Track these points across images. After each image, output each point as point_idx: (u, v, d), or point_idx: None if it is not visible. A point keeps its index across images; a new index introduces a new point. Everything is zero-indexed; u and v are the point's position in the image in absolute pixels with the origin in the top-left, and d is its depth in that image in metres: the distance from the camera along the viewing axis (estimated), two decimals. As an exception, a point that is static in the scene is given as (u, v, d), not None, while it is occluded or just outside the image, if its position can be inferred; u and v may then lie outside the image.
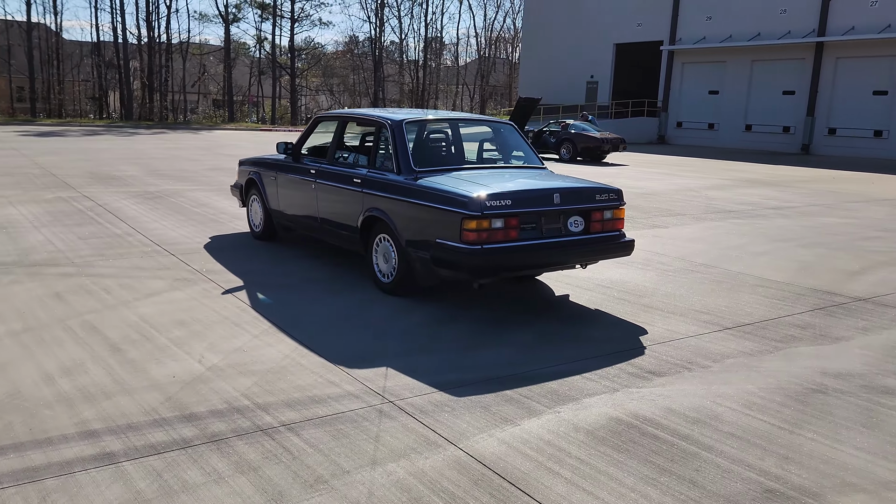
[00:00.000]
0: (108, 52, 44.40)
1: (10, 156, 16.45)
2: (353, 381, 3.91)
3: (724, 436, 3.42)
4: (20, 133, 25.34)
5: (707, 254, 7.76)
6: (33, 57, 40.27)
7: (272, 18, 46.09)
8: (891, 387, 4.12)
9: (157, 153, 18.74)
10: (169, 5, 46.14)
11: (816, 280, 6.71)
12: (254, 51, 49.09)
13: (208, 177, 13.52)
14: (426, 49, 54.12)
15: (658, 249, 7.89)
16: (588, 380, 4.06)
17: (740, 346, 4.76)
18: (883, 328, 5.28)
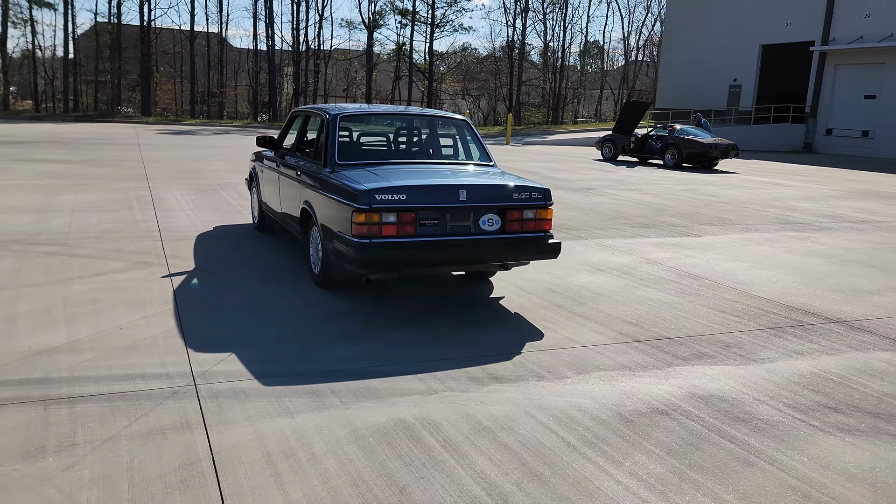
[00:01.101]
0: (263, 58, 47.45)
1: (126, 149, 18.07)
2: (183, 363, 4.01)
3: (494, 447, 3.20)
4: (160, 131, 27.72)
5: (711, 265, 7.16)
6: (194, 63, 43.81)
7: (411, 24, 47.37)
8: (752, 415, 3.66)
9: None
10: (321, 14, 48.70)
11: (811, 299, 6.03)
12: (394, 56, 50.61)
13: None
14: (564, 53, 53.44)
15: (660, 258, 7.39)
16: (419, 380, 3.92)
17: (630, 359, 4.39)
18: (823, 353, 4.67)
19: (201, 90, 48.39)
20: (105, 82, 47.59)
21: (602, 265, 6.95)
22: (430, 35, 48.36)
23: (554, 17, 53.09)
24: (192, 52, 43.79)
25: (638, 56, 66.04)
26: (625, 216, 10.19)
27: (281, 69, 51.96)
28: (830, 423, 3.61)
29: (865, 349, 4.79)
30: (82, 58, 47.92)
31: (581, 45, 54.67)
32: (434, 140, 6.39)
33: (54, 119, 34.79)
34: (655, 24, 71.75)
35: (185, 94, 52.97)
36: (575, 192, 12.98)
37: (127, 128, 29.28)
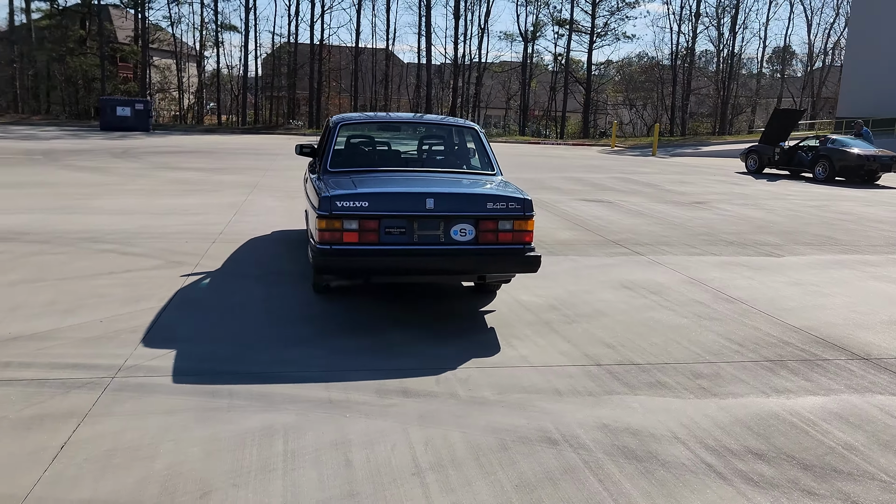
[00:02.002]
0: (426, 72, 48.93)
1: (265, 159, 19.33)
2: (123, 356, 4.23)
3: (335, 463, 3.11)
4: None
5: (761, 289, 6.49)
6: (357, 78, 46.08)
7: (568, 34, 46.85)
8: (654, 454, 3.28)
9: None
10: (483, 27, 49.49)
11: (853, 331, 5.32)
12: (554, 67, 50.28)
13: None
14: (735, 59, 50.45)
15: (708, 277, 6.79)
16: (325, 389, 3.88)
17: (569, 384, 4.08)
18: (808, 392, 4.08)
19: (364, 104, 50.72)
20: (280, 98, 51.25)
21: (633, 283, 6.50)
22: (590, 44, 47.55)
23: (724, 22, 50.09)
24: (356, 67, 46.12)
25: (825, 60, 60.89)
26: (712, 233, 9.45)
27: (447, 82, 53.14)
28: (741, 471, 3.15)
29: (866, 391, 4.12)
30: (265, 75, 52.00)
31: (759, 50, 51.25)
32: (436, 148, 6.29)
33: (224, 131, 37.88)
34: (846, 27, 65.95)
35: (363, 107, 55.77)
36: (679, 206, 12.22)
37: (284, 139, 31.30)
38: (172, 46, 47.60)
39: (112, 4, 47.36)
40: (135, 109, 29.31)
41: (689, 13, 49.51)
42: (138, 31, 43.17)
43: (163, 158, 18.12)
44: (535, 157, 24.23)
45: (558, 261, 7.32)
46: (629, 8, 49.50)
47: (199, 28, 48.21)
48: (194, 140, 27.07)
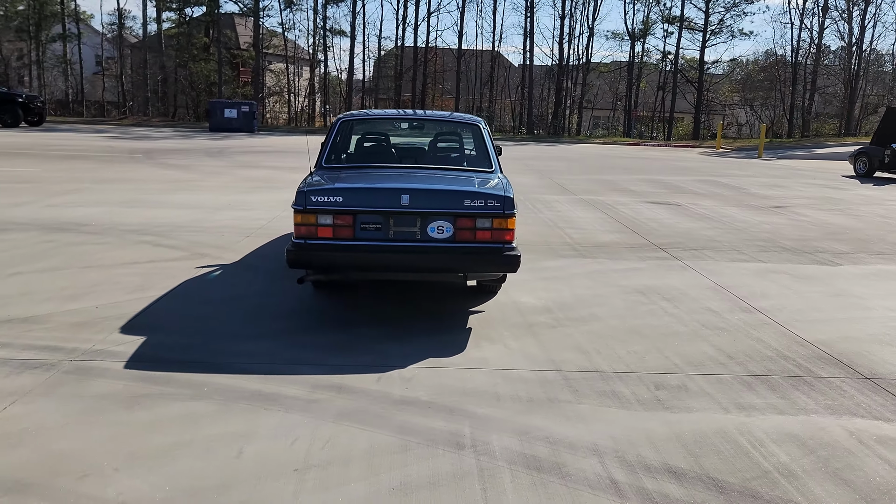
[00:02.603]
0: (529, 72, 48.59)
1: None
2: (93, 341, 4.42)
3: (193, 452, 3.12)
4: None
5: (790, 299, 6.02)
6: (459, 80, 46.35)
7: (678, 32, 45.20)
8: (557, 466, 3.08)
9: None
10: (591, 26, 48.56)
11: (872, 347, 4.83)
12: (665, 65, 48.62)
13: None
14: (861, 54, 47.06)
15: (735, 284, 6.36)
16: (260, 381, 3.89)
17: (511, 390, 3.91)
18: (775, 411, 3.73)
19: (466, 105, 50.92)
20: (387, 100, 52.30)
21: (650, 288, 6.17)
22: (703, 42, 45.67)
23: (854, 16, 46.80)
24: (459, 68, 46.35)
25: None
26: (773, 239, 8.84)
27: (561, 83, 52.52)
28: (645, 490, 2.91)
29: (844, 413, 3.72)
30: (372, 77, 53.29)
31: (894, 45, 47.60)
32: (435, 144, 6.20)
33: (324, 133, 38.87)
34: None
35: (465, 108, 56.10)
36: (753, 210, 11.52)
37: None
38: (288, 51, 49.58)
39: (233, 13, 49.90)
40: (241, 111, 30.75)
41: (815, 6, 46.66)
42: (257, 36, 45.22)
43: (248, 157, 18.88)
44: (626, 158, 23.53)
45: (584, 263, 7.06)
46: (746, 3, 47.24)
47: (312, 33, 49.90)
48: (290, 141, 28.01)
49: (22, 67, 49.94)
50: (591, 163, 20.80)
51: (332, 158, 5.71)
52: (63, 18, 47.32)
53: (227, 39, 48.68)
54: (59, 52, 48.08)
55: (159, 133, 29.16)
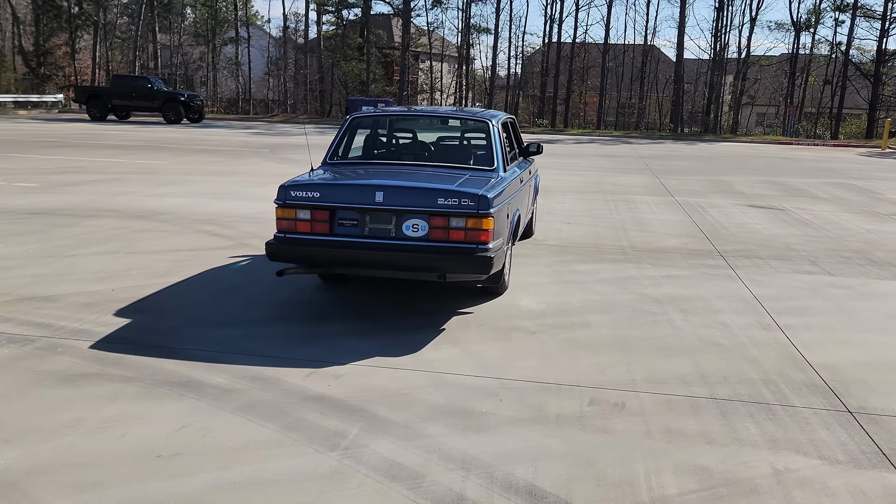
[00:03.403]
0: (679, 67, 46.49)
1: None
2: (82, 321, 4.76)
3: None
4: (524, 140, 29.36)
5: (821, 317, 5.42)
6: (605, 76, 45.19)
7: (850, 21, 41.39)
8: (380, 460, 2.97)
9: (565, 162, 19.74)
10: (754, 17, 45.70)
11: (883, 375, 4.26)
12: (832, 57, 44.78)
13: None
14: None
15: (771, 295, 5.80)
16: (203, 369, 4.04)
17: (430, 396, 3.81)
18: (704, 442, 3.37)
19: (612, 102, 49.52)
20: (533, 97, 52.00)
21: (672, 298, 5.75)
22: (882, 31, 41.57)
23: None
24: (604, 64, 45.20)
25: None
26: (866, 250, 7.94)
27: (715, 78, 50.00)
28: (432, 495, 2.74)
29: (783, 449, 3.29)
30: (518, 74, 53.13)
31: None
32: (441, 142, 6.08)
33: None
34: None
35: (609, 105, 54.73)
36: (869, 217, 10.38)
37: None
38: (434, 49, 50.62)
39: (389, 14, 51.64)
40: (378, 108, 31.77)
41: None
42: (404, 35, 46.57)
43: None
44: (766, 159, 21.88)
45: (619, 269, 6.69)
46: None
47: (460, 31, 50.57)
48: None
49: (198, 69, 54.47)
50: (719, 163, 19.57)
51: (337, 155, 5.78)
52: (236, 24, 50.97)
53: (379, 39, 50.43)
54: (231, 55, 51.94)
55: (299, 129, 30.76)
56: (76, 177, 12.03)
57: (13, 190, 10.40)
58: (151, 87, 29.27)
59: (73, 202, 9.40)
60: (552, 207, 10.23)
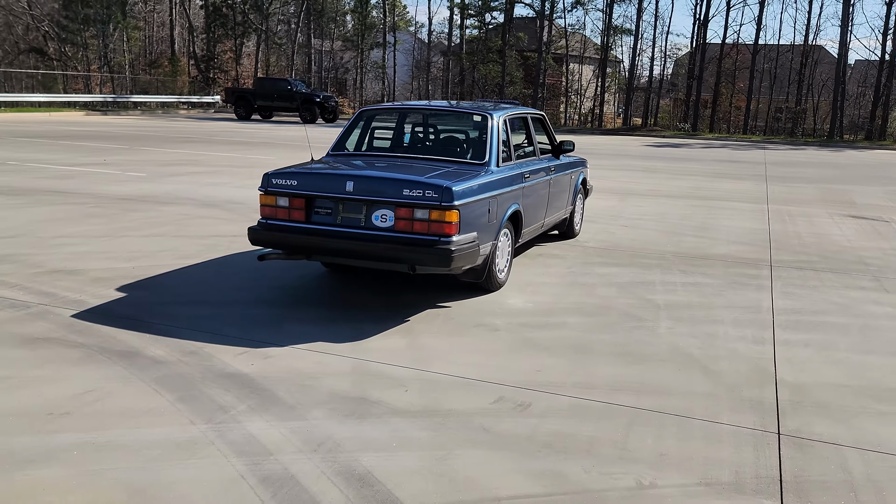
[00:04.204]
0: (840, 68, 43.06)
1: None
2: (83, 293, 5.18)
3: None
4: (655, 144, 28.20)
5: (857, 334, 4.87)
6: (753, 78, 42.61)
7: None
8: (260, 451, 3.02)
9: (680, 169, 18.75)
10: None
11: (852, 401, 3.79)
12: None
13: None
14: None
15: (793, 310, 5.29)
16: (150, 341, 4.30)
17: (347, 386, 3.83)
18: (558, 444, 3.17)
19: (763, 107, 46.58)
20: (677, 99, 50.02)
21: (675, 305, 5.41)
22: None
23: None
24: (753, 66, 42.65)
25: None
26: (953, 266, 7.06)
27: (882, 79, 45.97)
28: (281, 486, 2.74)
29: (664, 466, 3.02)
30: (664, 76, 51.30)
31: None
32: (439, 136, 6.03)
33: (584, 132, 38.13)
34: None
35: (760, 109, 51.59)
36: None
37: (630, 140, 30.67)
38: (572, 51, 49.93)
39: (528, 16, 51.60)
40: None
41: None
42: (541, 38, 46.29)
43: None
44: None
45: (641, 274, 6.36)
46: None
47: (602, 33, 49.54)
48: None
49: (347, 72, 56.97)
50: (852, 172, 17.94)
51: (341, 146, 5.89)
52: (384, 29, 52.80)
53: (520, 42, 50.43)
54: (377, 59, 53.90)
55: (427, 130, 31.39)
56: (183, 168, 13.00)
57: (121, 178, 11.41)
58: (290, 89, 30.97)
59: (164, 191, 10.17)
60: (623, 210, 9.86)
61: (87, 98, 36.06)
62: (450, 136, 6.17)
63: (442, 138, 6.17)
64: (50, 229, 7.36)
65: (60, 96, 35.54)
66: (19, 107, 31.61)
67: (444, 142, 6.10)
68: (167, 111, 37.64)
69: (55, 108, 32.50)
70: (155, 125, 25.90)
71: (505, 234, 5.58)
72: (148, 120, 29.81)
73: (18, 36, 48.38)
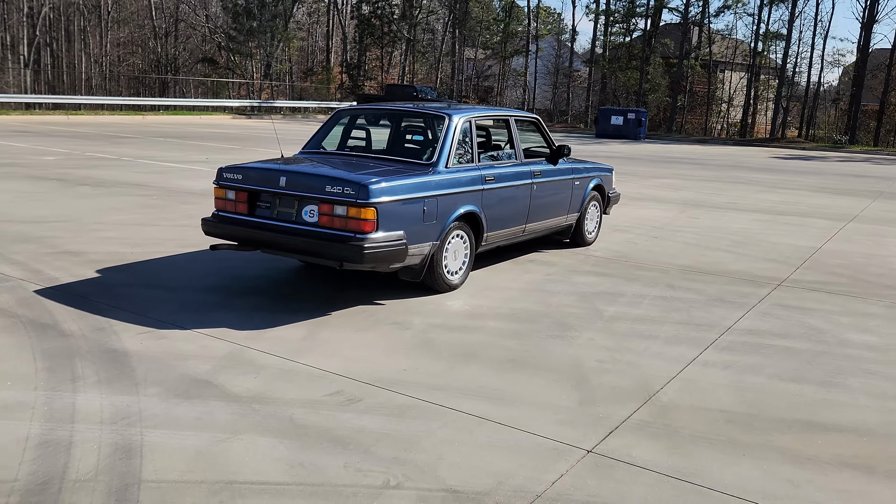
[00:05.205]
0: None
1: (690, 167, 18.55)
2: (68, 271, 5.70)
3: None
4: (789, 156, 26.18)
5: (791, 355, 4.44)
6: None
7: None
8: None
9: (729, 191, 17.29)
10: None
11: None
12: None
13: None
14: None
15: (767, 331, 4.88)
16: (77, 317, 4.69)
17: (196, 364, 4.01)
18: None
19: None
20: (844, 109, 46.29)
21: (621, 317, 5.14)
22: None
23: None
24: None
25: None
26: None
27: None
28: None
29: (440, 461, 2.95)
30: (839, 84, 47.59)
31: None
32: (403, 136, 6.06)
33: (715, 142, 35.93)
34: None
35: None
36: None
37: (757, 151, 28.68)
38: (727, 57, 47.58)
39: (674, 23, 49.75)
40: (627, 118, 30.86)
41: None
42: (682, 44, 44.49)
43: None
44: None
45: (619, 286, 6.08)
46: None
47: (752, 37, 46.80)
48: (670, 149, 27.07)
49: (486, 79, 57.56)
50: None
51: (314, 145, 6.09)
52: (528, 37, 52.87)
53: (665, 48, 48.72)
54: (518, 67, 54.09)
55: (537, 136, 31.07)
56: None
57: (204, 175, 12.28)
58: (416, 95, 31.74)
59: (228, 186, 10.85)
60: (672, 222, 9.42)
61: (232, 103, 38.77)
62: (412, 136, 6.21)
63: (405, 138, 6.23)
64: (97, 217, 8.11)
65: (212, 101, 38.57)
66: (176, 110, 34.71)
67: (405, 142, 6.16)
68: (306, 115, 39.84)
69: (208, 112, 35.40)
70: (285, 128, 27.48)
71: (459, 236, 5.54)
72: (284, 124, 31.72)
73: (196, 46, 53.11)
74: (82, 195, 9.64)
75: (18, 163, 13.05)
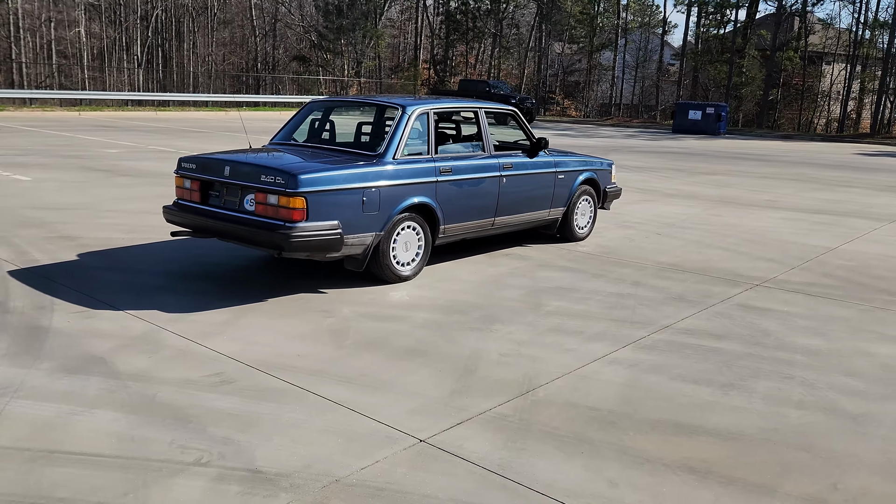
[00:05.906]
0: None
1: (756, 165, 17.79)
2: (56, 255, 6.09)
3: None
4: (860, 152, 24.49)
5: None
6: None
7: None
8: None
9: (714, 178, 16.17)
10: None
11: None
12: None
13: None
14: None
15: (721, 329, 4.70)
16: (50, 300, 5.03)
17: (104, 342, 4.22)
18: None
19: None
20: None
21: (562, 312, 5.04)
22: None
23: None
24: None
25: None
26: None
27: None
28: (-80, 420, 3.19)
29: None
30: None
31: None
32: (362, 127, 6.14)
33: (802, 138, 33.97)
34: None
35: None
36: None
37: (843, 148, 26.92)
38: (829, 49, 45.12)
39: (768, 14, 47.54)
40: (705, 113, 29.74)
41: None
42: (775, 35, 42.42)
43: (651, 159, 18.69)
44: None
45: (577, 281, 5.95)
46: None
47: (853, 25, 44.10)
48: (749, 145, 25.92)
49: (572, 74, 56.72)
50: None
51: (284, 136, 6.23)
52: (617, 31, 51.83)
53: (762, 40, 46.61)
54: (606, 61, 53.06)
55: (611, 131, 30.41)
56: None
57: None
58: (489, 90, 31.79)
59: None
60: (686, 219, 9.09)
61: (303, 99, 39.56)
62: (370, 127, 6.26)
63: (363, 130, 6.28)
64: (114, 205, 8.57)
65: (298, 98, 39.65)
66: (266, 106, 35.99)
67: (363, 133, 6.22)
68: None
69: (279, 108, 36.53)
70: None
71: (411, 227, 5.56)
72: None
73: (291, 44, 54.88)
74: (117, 185, 10.19)
75: (81, 155, 13.90)
